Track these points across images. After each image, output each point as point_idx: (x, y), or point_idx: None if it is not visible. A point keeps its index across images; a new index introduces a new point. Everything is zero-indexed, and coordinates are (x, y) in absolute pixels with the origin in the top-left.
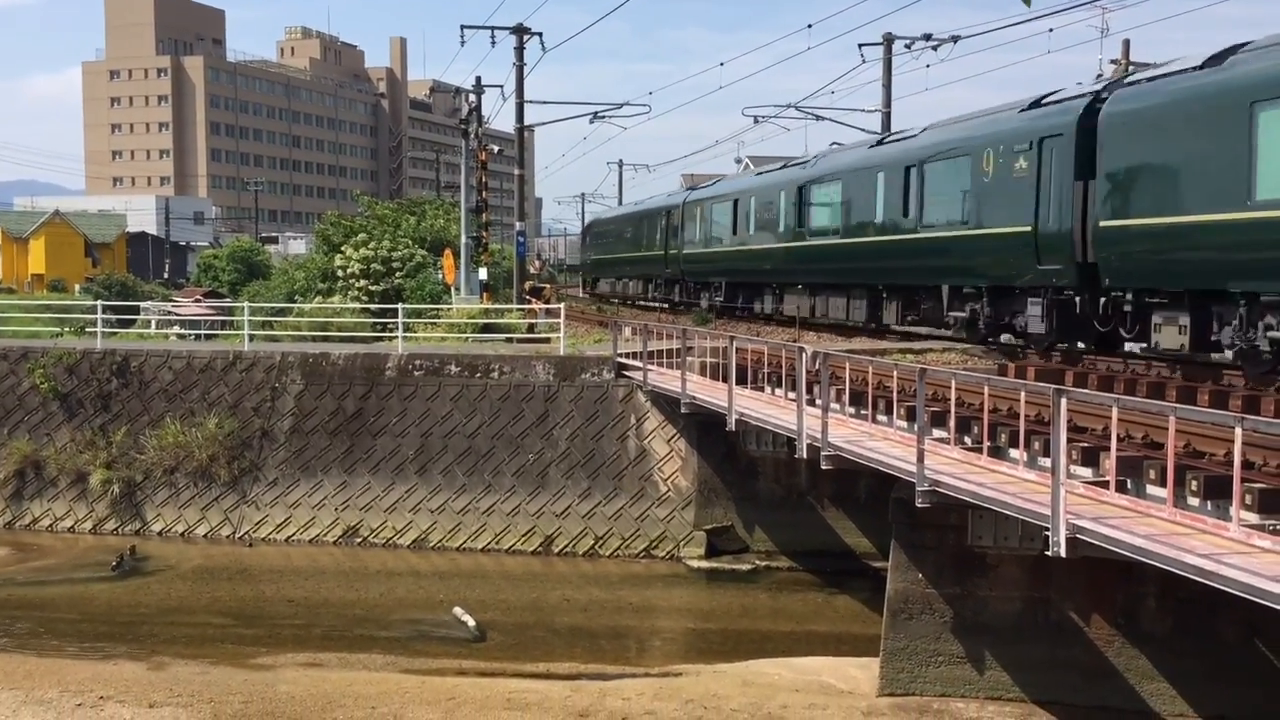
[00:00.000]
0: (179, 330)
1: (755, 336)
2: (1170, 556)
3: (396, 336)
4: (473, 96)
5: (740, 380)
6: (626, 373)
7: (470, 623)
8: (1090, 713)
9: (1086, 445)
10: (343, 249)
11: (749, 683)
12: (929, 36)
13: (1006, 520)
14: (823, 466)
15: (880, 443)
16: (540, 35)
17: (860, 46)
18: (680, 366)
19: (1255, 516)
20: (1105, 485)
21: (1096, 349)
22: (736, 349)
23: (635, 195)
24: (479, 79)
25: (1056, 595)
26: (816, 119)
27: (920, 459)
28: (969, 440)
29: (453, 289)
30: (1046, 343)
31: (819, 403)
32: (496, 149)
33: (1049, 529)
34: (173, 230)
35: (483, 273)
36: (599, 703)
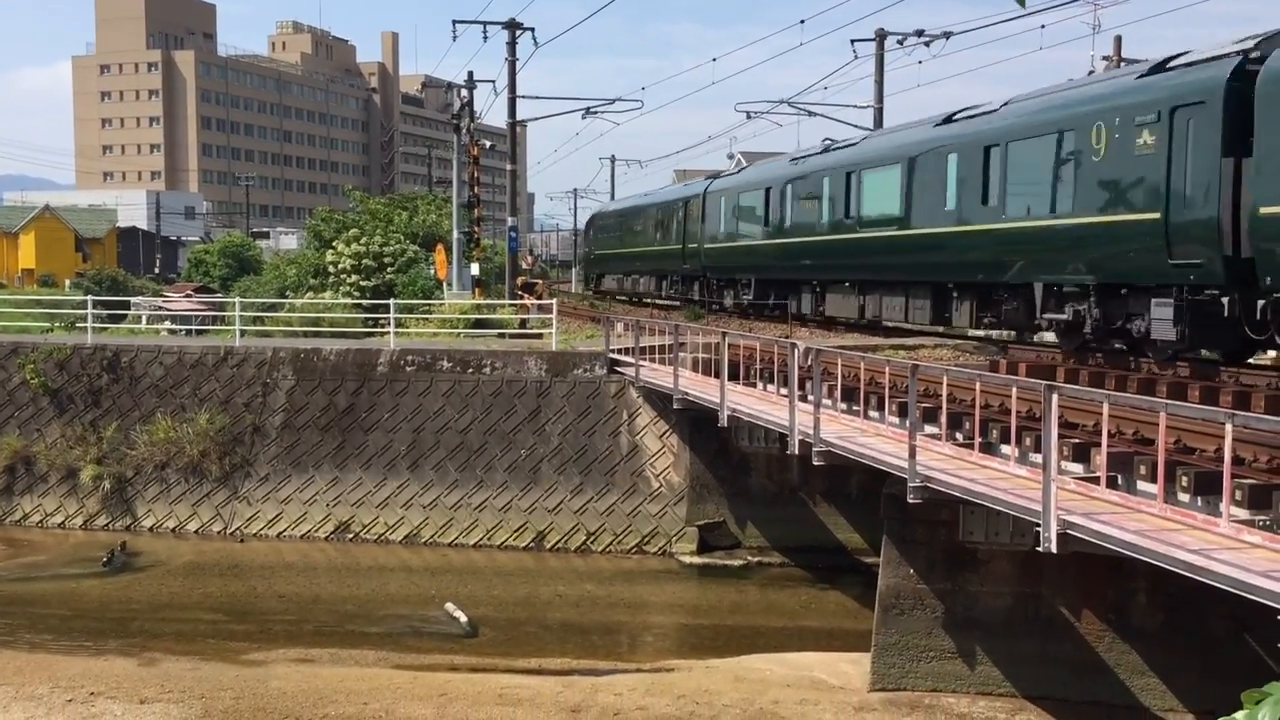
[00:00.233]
0: (170, 325)
1: (748, 333)
2: (1160, 552)
3: (388, 332)
4: (464, 92)
5: (733, 376)
6: (619, 368)
7: (462, 618)
8: (1081, 708)
9: (1078, 441)
10: (334, 244)
11: (741, 678)
12: (921, 32)
13: (998, 516)
14: (815, 462)
15: (872, 439)
16: (532, 30)
17: (853, 42)
18: (673, 362)
19: (1245, 512)
20: (1096, 481)
21: (1235, 359)
22: (729, 344)
23: (626, 191)
24: (471, 74)
25: (1047, 591)
26: (809, 115)
27: (912, 455)
28: (960, 436)
29: (445, 284)
30: (1173, 350)
31: (811, 398)
32: (489, 144)
33: (1040, 525)
34: (164, 225)
35: (475, 268)
36: (591, 698)
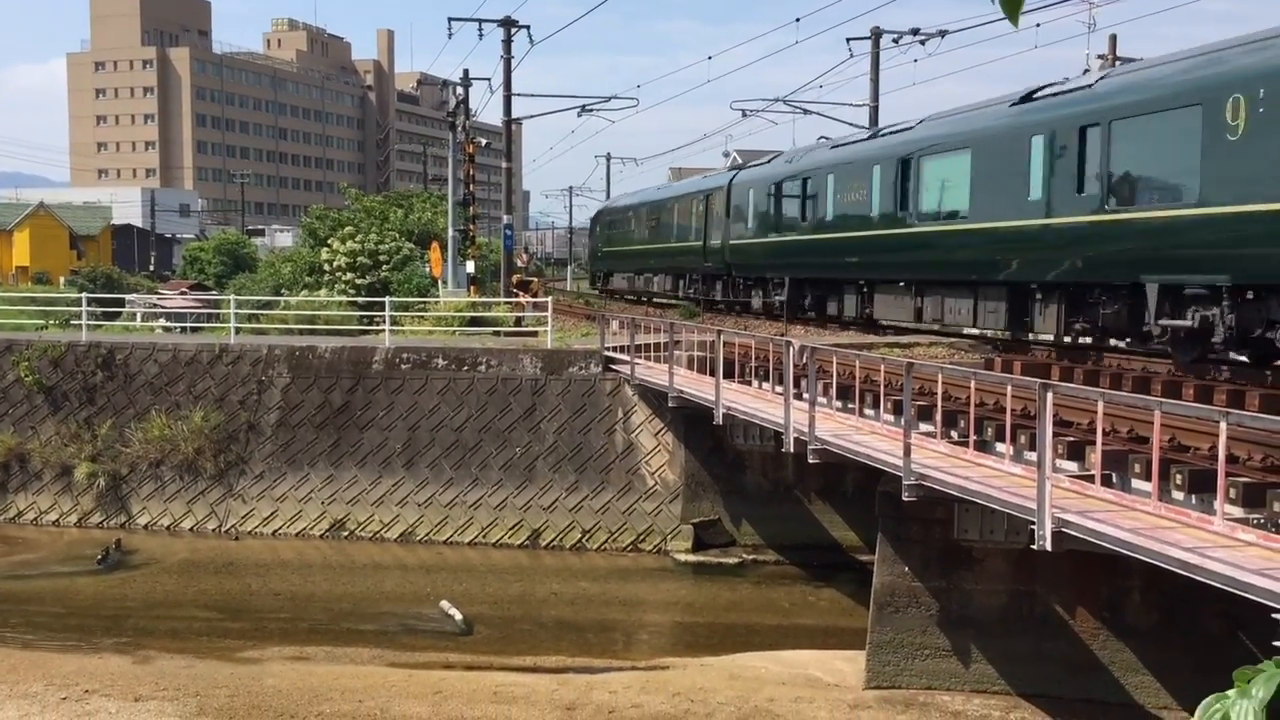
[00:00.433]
0: (165, 323)
1: (743, 330)
2: (1155, 550)
3: (383, 330)
4: (460, 89)
5: (728, 374)
6: (614, 366)
7: (457, 616)
8: (1075, 705)
9: (1072, 439)
10: (329, 242)
11: (736, 676)
12: (917, 31)
13: (992, 514)
14: (810, 460)
15: (867, 436)
16: (528, 28)
17: (848, 41)
18: (668, 360)
19: (1239, 510)
20: (1091, 479)
21: None
22: (724, 342)
23: (621, 189)
24: (466, 72)
25: (1042, 589)
26: (804, 113)
27: (907, 453)
28: (955, 434)
29: (440, 282)
30: None
31: (806, 396)
32: (484, 142)
33: (1034, 523)
34: (158, 223)
35: (470, 266)
36: (586, 696)
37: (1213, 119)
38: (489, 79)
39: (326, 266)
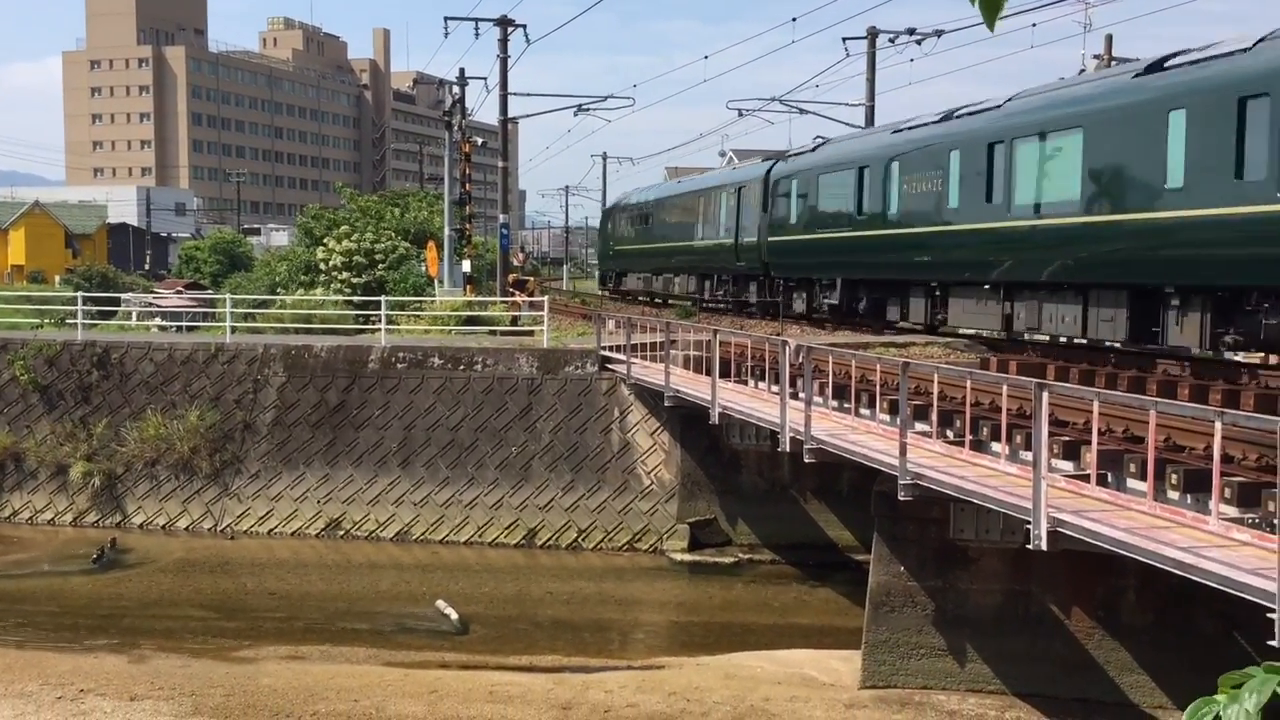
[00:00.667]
0: (160, 322)
1: (739, 330)
2: (1150, 550)
3: (379, 329)
4: (456, 88)
5: (724, 373)
6: (610, 365)
7: (453, 615)
8: (1070, 705)
9: (1068, 439)
10: (325, 241)
11: (731, 675)
12: (913, 31)
13: (988, 513)
14: (805, 460)
15: (863, 436)
16: (524, 27)
17: (844, 40)
18: (664, 359)
19: (1234, 510)
20: (1086, 479)
21: None
22: (720, 342)
23: (617, 188)
24: (463, 71)
25: (1037, 588)
26: (800, 113)
27: (903, 452)
28: (951, 434)
29: (436, 281)
30: None
31: (802, 396)
32: (480, 141)
33: (1030, 522)
34: (154, 221)
35: (466, 265)
36: (581, 695)
37: None
38: (485, 78)
39: (322, 265)
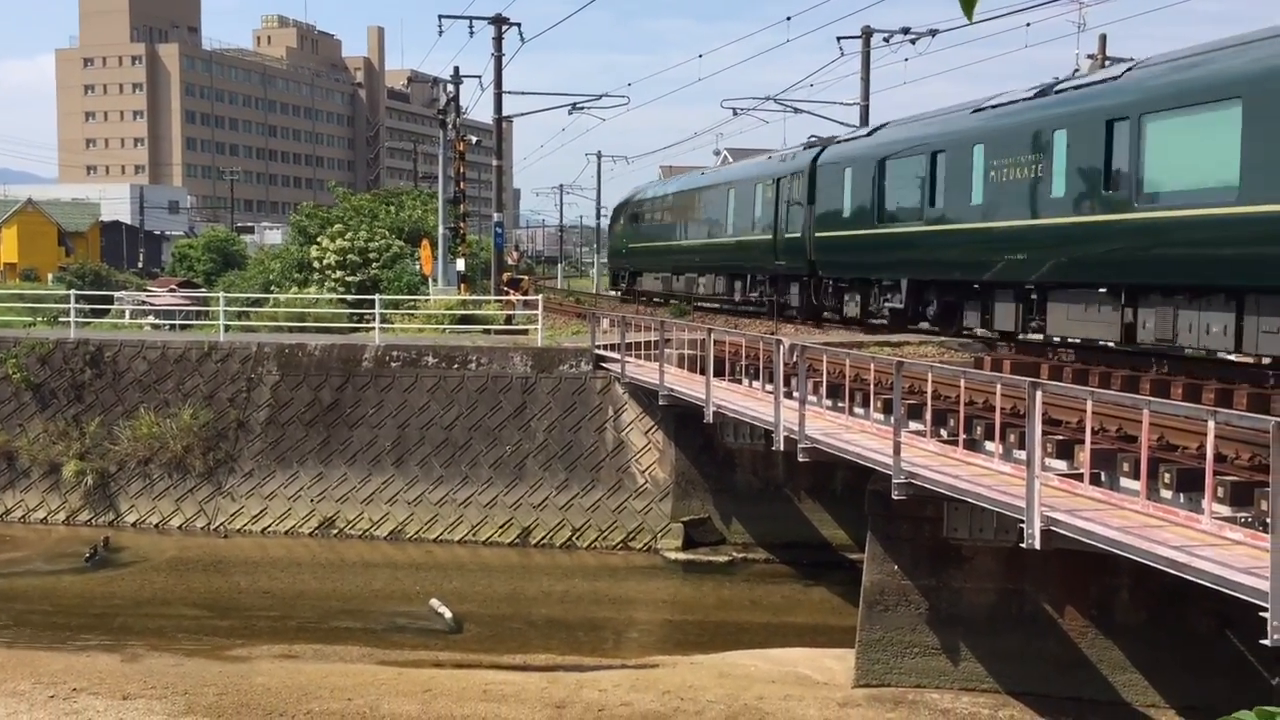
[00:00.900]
0: (153, 320)
1: (733, 329)
2: (1143, 549)
3: (373, 327)
4: (450, 87)
5: (719, 372)
6: (604, 364)
7: (447, 614)
8: (1063, 703)
9: (1061, 438)
10: (319, 240)
11: (725, 674)
12: (907, 30)
13: (982, 512)
14: (799, 459)
15: (857, 435)
16: (519, 26)
17: (839, 40)
18: (658, 358)
19: (1227, 509)
20: (1080, 478)
21: None
22: (714, 341)
23: (612, 187)
24: (457, 69)
25: (1031, 587)
26: (795, 112)
27: (897, 451)
28: (945, 433)
29: (430, 280)
30: None
31: (796, 395)
32: (474, 140)
33: (1024, 521)
34: (147, 219)
35: (460, 264)
36: (575, 694)
37: None
38: (480, 77)
39: (316, 264)
